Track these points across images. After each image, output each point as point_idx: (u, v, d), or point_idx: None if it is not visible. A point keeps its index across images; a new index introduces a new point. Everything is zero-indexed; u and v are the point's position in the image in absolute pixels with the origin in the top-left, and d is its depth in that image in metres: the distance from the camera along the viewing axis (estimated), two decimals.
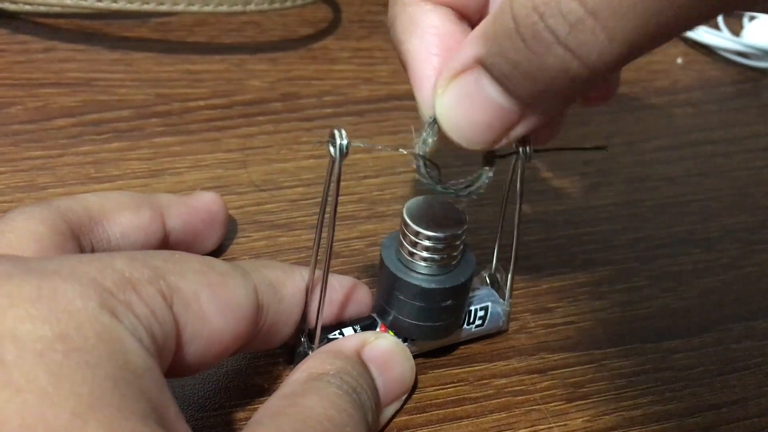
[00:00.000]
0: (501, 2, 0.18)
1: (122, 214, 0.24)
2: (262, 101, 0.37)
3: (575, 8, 0.16)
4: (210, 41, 0.41)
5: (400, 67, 0.23)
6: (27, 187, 0.31)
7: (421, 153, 0.22)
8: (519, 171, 0.25)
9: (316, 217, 0.31)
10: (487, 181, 0.23)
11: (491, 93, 0.19)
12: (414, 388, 0.25)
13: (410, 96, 0.37)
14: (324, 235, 0.23)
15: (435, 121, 0.21)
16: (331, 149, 0.21)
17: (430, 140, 0.22)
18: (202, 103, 0.36)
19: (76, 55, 0.38)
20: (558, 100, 0.19)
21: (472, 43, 0.19)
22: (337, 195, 0.22)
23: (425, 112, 0.22)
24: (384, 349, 0.24)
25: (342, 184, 0.22)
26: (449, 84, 0.20)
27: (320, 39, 0.43)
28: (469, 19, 0.22)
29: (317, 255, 0.23)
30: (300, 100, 0.38)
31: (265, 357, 0.26)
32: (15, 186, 0.31)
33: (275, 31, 0.43)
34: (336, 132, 0.21)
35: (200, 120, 0.35)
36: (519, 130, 0.20)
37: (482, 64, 0.19)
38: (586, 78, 0.17)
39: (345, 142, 0.21)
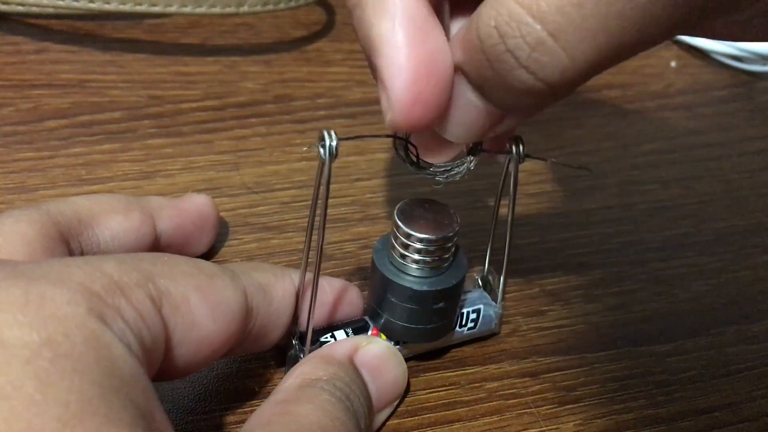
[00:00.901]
0: (471, 17, 0.18)
1: (112, 217, 0.24)
2: (255, 103, 0.37)
3: (536, 30, 0.16)
4: (203, 43, 0.41)
5: None
6: (17, 188, 0.31)
7: (401, 135, 0.22)
8: (513, 172, 0.25)
9: (308, 219, 0.31)
10: (466, 170, 0.23)
11: (471, 97, 0.19)
12: (406, 391, 0.25)
13: None
14: (314, 237, 0.23)
15: None
16: (321, 151, 0.21)
17: None
18: (194, 104, 0.36)
19: (68, 57, 0.38)
20: (532, 108, 0.19)
21: (453, 48, 0.19)
22: (327, 197, 0.22)
23: (397, 105, 0.20)
24: (376, 354, 0.24)
25: (334, 186, 0.22)
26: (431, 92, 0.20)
27: (314, 41, 0.43)
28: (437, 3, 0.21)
29: (308, 257, 0.23)
30: (293, 102, 0.38)
31: (255, 360, 0.26)
32: (5, 188, 0.30)
33: (268, 33, 0.42)
34: (325, 133, 0.21)
35: (193, 122, 0.35)
36: (503, 127, 0.20)
37: (461, 70, 0.19)
38: (551, 93, 0.17)
39: (334, 143, 0.21)
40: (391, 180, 0.34)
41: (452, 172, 0.23)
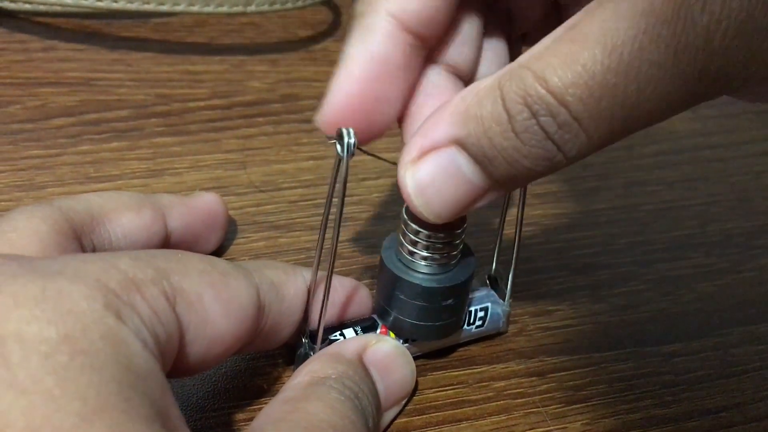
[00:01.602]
0: (482, 88, 0.19)
1: (124, 214, 0.24)
2: (262, 102, 0.37)
3: (562, 113, 0.18)
4: (210, 42, 0.41)
5: None
6: (26, 186, 0.31)
7: None
8: None
9: (316, 218, 0.32)
10: None
11: (467, 172, 0.20)
12: (414, 390, 0.25)
13: None
14: (327, 235, 0.23)
15: None
16: (339, 148, 0.21)
17: None
18: (201, 103, 0.36)
19: (75, 55, 0.38)
20: (526, 180, 0.20)
21: (448, 122, 0.20)
22: (343, 194, 0.22)
23: (320, 117, 0.22)
24: (385, 353, 0.24)
25: (339, 185, 0.22)
26: (422, 159, 0.20)
27: (320, 41, 0.43)
28: (426, 44, 0.22)
29: (320, 256, 0.23)
30: (300, 101, 0.38)
31: (264, 358, 0.26)
32: (14, 185, 0.31)
33: (275, 32, 0.43)
34: (344, 131, 0.21)
35: (200, 120, 0.35)
36: (482, 203, 0.21)
37: (461, 144, 0.19)
38: (561, 164, 0.19)
39: (353, 140, 0.21)
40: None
41: None
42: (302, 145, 0.35)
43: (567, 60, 0.17)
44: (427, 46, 0.22)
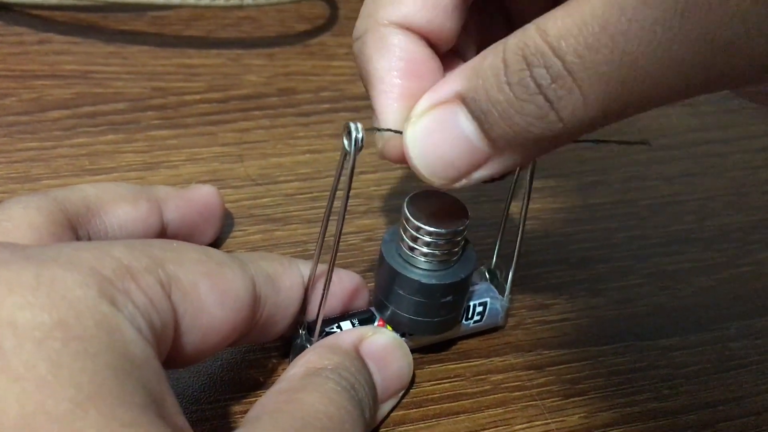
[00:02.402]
0: (494, 44, 0.18)
1: (120, 205, 0.24)
2: (259, 96, 0.37)
3: (556, 64, 0.17)
4: (207, 35, 0.41)
5: None
6: (21, 178, 0.30)
7: None
8: (529, 167, 0.25)
9: (312, 211, 0.31)
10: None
11: (465, 129, 0.19)
12: (411, 383, 0.25)
13: None
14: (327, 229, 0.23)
15: None
16: (346, 142, 0.21)
17: None
18: (198, 96, 0.36)
19: (71, 48, 0.38)
20: (526, 151, 0.19)
21: (455, 77, 0.19)
22: (349, 189, 0.22)
23: (389, 151, 0.22)
24: (382, 345, 0.24)
25: (342, 178, 0.22)
26: (424, 113, 0.20)
27: (317, 35, 0.43)
28: (437, 50, 0.22)
29: (321, 248, 0.23)
30: (297, 95, 0.38)
31: (260, 350, 0.26)
32: (8, 177, 0.30)
33: (272, 26, 0.42)
34: (352, 125, 0.20)
35: (196, 114, 0.35)
36: (481, 173, 0.20)
37: (462, 98, 0.19)
38: (559, 132, 0.18)
39: (361, 135, 0.20)
40: (395, 173, 0.34)
41: None
42: (299, 138, 0.35)
43: (568, 12, 0.17)
44: (438, 47, 0.22)
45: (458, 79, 0.19)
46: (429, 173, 0.20)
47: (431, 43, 0.22)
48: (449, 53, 0.23)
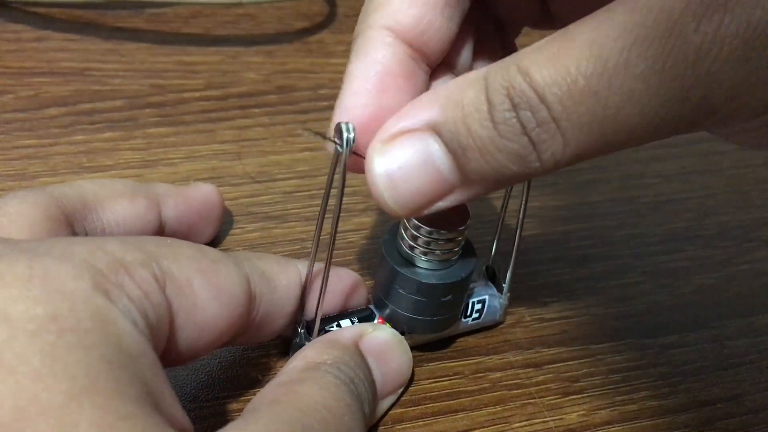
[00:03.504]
0: (468, 77, 0.19)
1: (118, 202, 0.24)
2: (258, 93, 0.37)
3: (542, 110, 0.17)
4: (205, 33, 0.40)
5: None
6: (18, 175, 0.30)
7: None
8: None
9: (311, 209, 0.31)
10: None
11: (437, 161, 0.19)
12: (410, 381, 0.25)
13: None
14: (324, 227, 0.23)
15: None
16: (338, 141, 0.21)
17: None
18: (196, 94, 0.36)
19: (69, 45, 0.38)
20: (495, 185, 0.19)
21: (428, 104, 0.19)
22: (342, 188, 0.22)
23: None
24: (382, 341, 0.23)
25: (338, 176, 0.22)
26: (393, 141, 0.19)
27: (316, 32, 0.42)
28: (429, 60, 0.22)
29: (318, 247, 0.23)
30: (295, 93, 0.38)
31: (258, 349, 0.26)
32: (6, 174, 0.30)
33: (271, 23, 0.42)
34: (343, 125, 0.20)
35: (195, 111, 0.35)
36: (444, 203, 0.20)
37: (436, 130, 0.19)
38: (533, 171, 0.18)
39: (352, 135, 0.20)
40: None
41: None
42: (297, 136, 0.35)
43: (552, 60, 0.17)
44: (428, 56, 0.22)
45: (432, 107, 0.19)
46: (398, 208, 0.20)
47: (422, 54, 0.22)
48: (441, 67, 0.23)
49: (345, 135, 0.20)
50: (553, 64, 0.17)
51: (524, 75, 0.17)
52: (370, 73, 0.21)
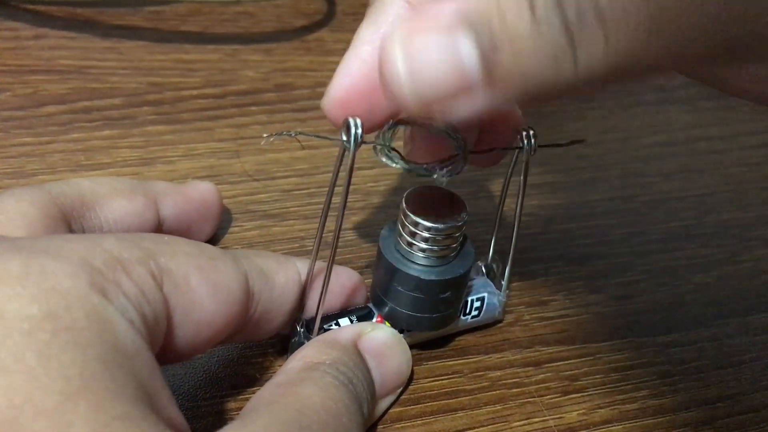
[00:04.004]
0: None
1: (116, 200, 0.24)
2: (256, 91, 0.37)
3: (588, 3, 0.15)
4: (203, 31, 0.40)
5: None
6: (16, 173, 0.30)
7: (382, 142, 0.22)
8: (524, 164, 0.24)
9: (310, 207, 0.31)
10: (462, 166, 0.22)
11: (464, 55, 0.17)
12: (409, 380, 0.25)
13: None
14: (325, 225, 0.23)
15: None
16: (345, 138, 0.20)
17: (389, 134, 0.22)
18: (195, 92, 0.36)
19: (67, 43, 0.38)
20: (519, 94, 0.17)
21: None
22: (348, 185, 0.22)
23: (326, 99, 0.22)
24: (381, 341, 0.23)
25: (339, 174, 0.22)
26: (420, 30, 0.17)
27: (315, 31, 0.42)
28: None
29: (319, 245, 0.23)
30: (294, 91, 0.37)
31: (257, 348, 0.25)
32: (3, 172, 0.30)
33: (269, 22, 0.42)
34: (351, 121, 0.20)
35: (193, 109, 0.35)
36: (463, 106, 0.18)
37: (467, 22, 0.17)
38: (564, 81, 0.16)
39: (360, 131, 0.20)
40: (391, 169, 0.34)
41: (449, 168, 0.22)
42: (297, 134, 0.35)
43: None
44: None
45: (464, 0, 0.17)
46: (412, 97, 0.17)
47: None
48: None
49: (353, 131, 0.20)
50: None
51: None
52: (378, 41, 0.20)
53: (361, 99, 0.21)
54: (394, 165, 0.22)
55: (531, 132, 0.23)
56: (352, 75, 0.21)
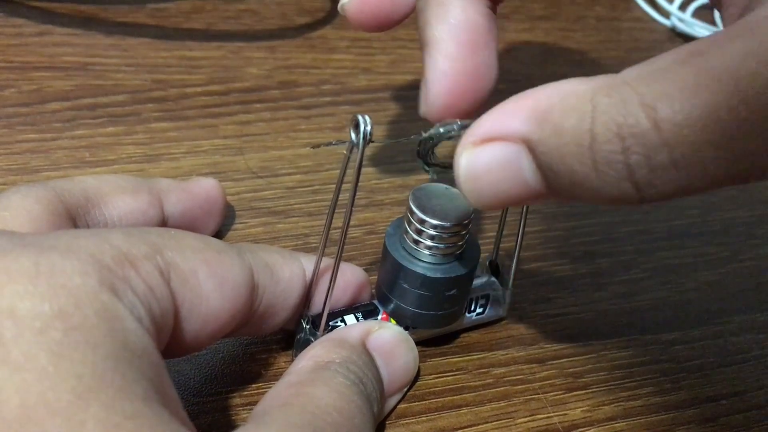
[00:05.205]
0: (572, 93, 0.16)
1: (120, 197, 0.24)
2: (260, 89, 0.37)
3: (663, 154, 0.15)
4: (207, 28, 0.40)
5: (399, 58, 0.23)
6: (20, 170, 0.30)
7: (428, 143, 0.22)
8: None
9: (314, 204, 0.31)
10: None
11: (527, 175, 0.17)
12: (415, 377, 0.25)
13: (407, 87, 0.37)
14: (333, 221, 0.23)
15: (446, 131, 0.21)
16: (354, 135, 0.20)
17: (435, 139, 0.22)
18: (199, 89, 0.36)
19: (71, 40, 0.38)
20: (585, 200, 0.17)
21: (524, 117, 0.17)
22: (357, 182, 0.22)
23: (431, 106, 0.21)
24: (388, 339, 0.23)
25: (349, 171, 0.22)
26: (484, 145, 0.18)
27: (318, 28, 0.42)
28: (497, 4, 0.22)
29: (326, 241, 0.23)
30: (298, 88, 0.37)
31: (261, 344, 0.25)
32: (8, 169, 0.30)
33: (273, 19, 0.42)
34: (360, 117, 0.20)
35: (197, 106, 0.35)
36: (528, 203, 0.19)
37: (530, 146, 0.17)
38: (630, 203, 0.16)
39: (369, 128, 0.20)
40: (396, 166, 0.34)
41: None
42: (300, 131, 0.35)
43: (687, 92, 0.14)
44: (496, 6, 0.22)
45: (528, 119, 0.17)
46: (478, 204, 0.19)
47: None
48: None
49: (362, 128, 0.20)
50: (688, 98, 0.14)
51: (647, 109, 0.15)
52: (458, 35, 0.20)
53: (461, 94, 0.20)
54: (426, 171, 0.23)
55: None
56: (446, 74, 0.21)
